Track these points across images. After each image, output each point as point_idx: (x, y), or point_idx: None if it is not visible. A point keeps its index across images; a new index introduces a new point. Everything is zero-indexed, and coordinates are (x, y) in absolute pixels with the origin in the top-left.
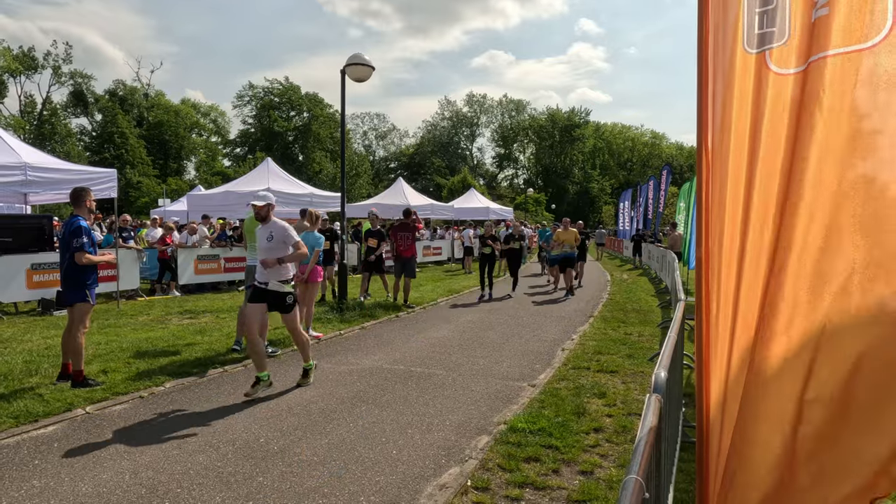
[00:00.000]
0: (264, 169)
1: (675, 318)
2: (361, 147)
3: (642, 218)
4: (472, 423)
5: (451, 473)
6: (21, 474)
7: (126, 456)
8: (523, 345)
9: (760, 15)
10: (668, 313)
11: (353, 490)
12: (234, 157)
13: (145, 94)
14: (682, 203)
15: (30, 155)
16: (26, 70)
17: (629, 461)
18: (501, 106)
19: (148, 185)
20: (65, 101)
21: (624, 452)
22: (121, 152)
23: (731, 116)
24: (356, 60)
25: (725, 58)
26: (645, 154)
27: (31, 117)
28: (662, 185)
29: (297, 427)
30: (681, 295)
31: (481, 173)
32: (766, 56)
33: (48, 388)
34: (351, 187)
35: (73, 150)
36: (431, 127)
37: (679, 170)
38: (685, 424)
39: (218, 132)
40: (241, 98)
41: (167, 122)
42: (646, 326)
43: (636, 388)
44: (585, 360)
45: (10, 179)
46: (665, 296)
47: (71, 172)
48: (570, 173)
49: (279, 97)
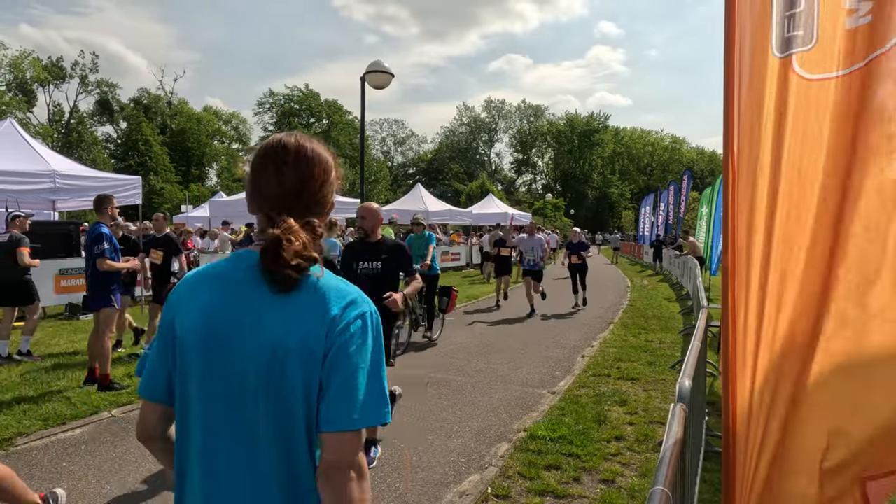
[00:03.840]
0: None
1: (698, 326)
2: (380, 153)
3: (663, 223)
4: (492, 430)
5: (472, 481)
6: (50, 476)
7: (150, 459)
8: (543, 351)
9: (788, 18)
10: (689, 320)
11: (372, 495)
12: None
13: (168, 102)
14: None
15: (58, 163)
16: (55, 80)
17: (653, 471)
18: (520, 111)
19: (171, 191)
20: (91, 110)
21: (646, 461)
22: (145, 159)
23: (759, 121)
24: (376, 68)
25: (754, 62)
26: (665, 159)
27: (58, 125)
28: (683, 190)
29: None
30: (703, 301)
31: (499, 179)
32: (793, 60)
33: (75, 391)
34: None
35: (99, 158)
36: (450, 133)
37: (700, 174)
38: (708, 433)
39: (239, 139)
40: (262, 105)
41: (190, 129)
42: (667, 333)
43: (658, 396)
44: (606, 367)
45: (40, 187)
46: (686, 302)
47: (97, 180)
48: (589, 178)
49: (299, 104)
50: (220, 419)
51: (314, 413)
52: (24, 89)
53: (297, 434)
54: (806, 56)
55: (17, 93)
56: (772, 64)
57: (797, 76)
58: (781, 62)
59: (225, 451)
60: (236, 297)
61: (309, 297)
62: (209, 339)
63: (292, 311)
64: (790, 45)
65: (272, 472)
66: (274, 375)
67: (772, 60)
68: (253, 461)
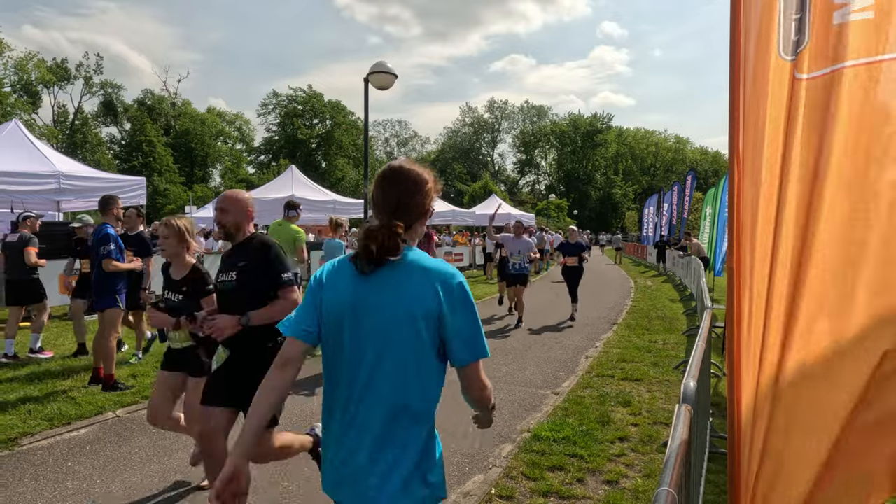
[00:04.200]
0: (288, 176)
1: (702, 326)
2: (383, 154)
3: (667, 224)
4: (496, 431)
5: (476, 481)
6: (55, 475)
7: (155, 459)
8: (546, 352)
9: (795, 22)
10: (693, 321)
11: None
12: (259, 165)
13: (172, 103)
14: (709, 209)
15: (63, 163)
16: (59, 81)
17: (657, 472)
18: (523, 112)
19: (174, 192)
20: (95, 111)
21: (650, 462)
22: (149, 160)
23: (764, 122)
24: (380, 69)
25: (759, 64)
26: (669, 159)
27: (63, 127)
28: (687, 190)
29: None
30: (708, 302)
31: (502, 179)
32: (795, 61)
33: (80, 391)
34: None
35: (104, 159)
36: (453, 133)
37: (704, 175)
38: (713, 435)
39: (243, 140)
40: (266, 106)
41: (193, 130)
42: (671, 334)
43: (662, 397)
44: (609, 367)
45: (45, 187)
46: (690, 303)
47: (102, 181)
48: (592, 179)
49: (303, 105)
50: (357, 366)
51: (433, 355)
52: (28, 91)
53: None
54: (802, 56)
55: (21, 94)
56: (776, 65)
57: (797, 77)
58: (790, 65)
59: (368, 380)
60: (365, 281)
61: (416, 273)
62: (357, 307)
63: (411, 287)
64: (797, 48)
65: (403, 404)
66: (406, 330)
67: (777, 61)
68: (382, 391)
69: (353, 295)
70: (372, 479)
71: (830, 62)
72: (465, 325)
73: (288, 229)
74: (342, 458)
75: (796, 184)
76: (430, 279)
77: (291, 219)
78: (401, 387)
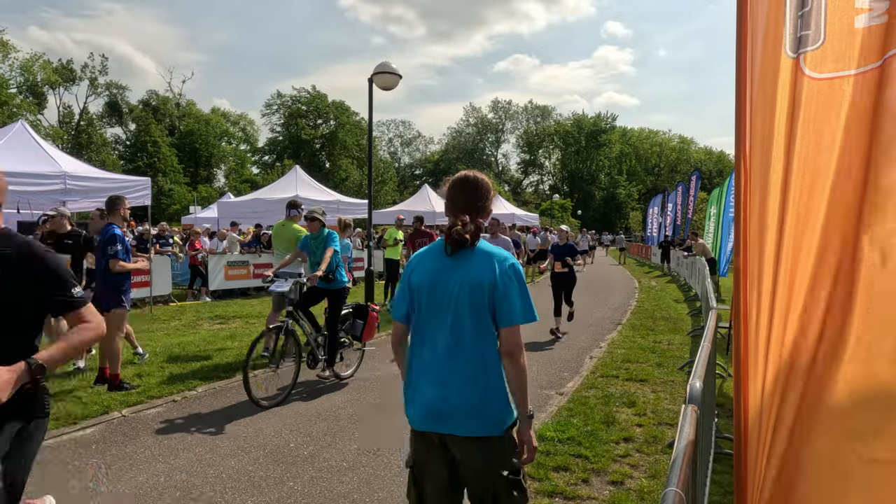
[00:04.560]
0: (293, 176)
1: (707, 327)
2: (387, 154)
3: (671, 224)
4: None
5: None
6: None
7: (161, 459)
8: (550, 352)
9: (801, 18)
10: (697, 321)
11: (382, 496)
12: (263, 165)
13: (177, 104)
14: (713, 209)
15: (68, 164)
16: (65, 82)
17: (662, 472)
18: (527, 112)
19: (179, 192)
20: (101, 112)
21: (655, 463)
22: (153, 160)
23: (772, 121)
24: (384, 69)
25: (766, 62)
26: (673, 159)
27: (69, 127)
28: (691, 190)
29: (327, 433)
30: (713, 303)
31: (506, 179)
32: (801, 60)
33: (86, 391)
34: (377, 194)
35: (108, 159)
36: (456, 133)
37: (708, 175)
38: (718, 435)
39: (247, 140)
40: (270, 106)
41: (198, 130)
42: (675, 335)
43: (667, 398)
44: (614, 368)
45: (51, 188)
46: (695, 303)
47: (107, 181)
48: (596, 179)
49: (307, 105)
50: (440, 325)
51: (491, 318)
52: (34, 92)
53: (479, 327)
54: (813, 55)
55: (27, 95)
56: (784, 63)
57: (806, 76)
58: (793, 62)
59: (446, 342)
60: (446, 261)
61: (482, 257)
62: (433, 282)
63: (476, 265)
64: (801, 45)
65: (478, 354)
66: (471, 298)
67: (784, 60)
68: (460, 345)
69: (436, 272)
70: (460, 404)
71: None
72: (511, 294)
73: (291, 229)
74: (432, 395)
75: (802, 184)
76: (492, 260)
77: (294, 218)
78: (475, 340)
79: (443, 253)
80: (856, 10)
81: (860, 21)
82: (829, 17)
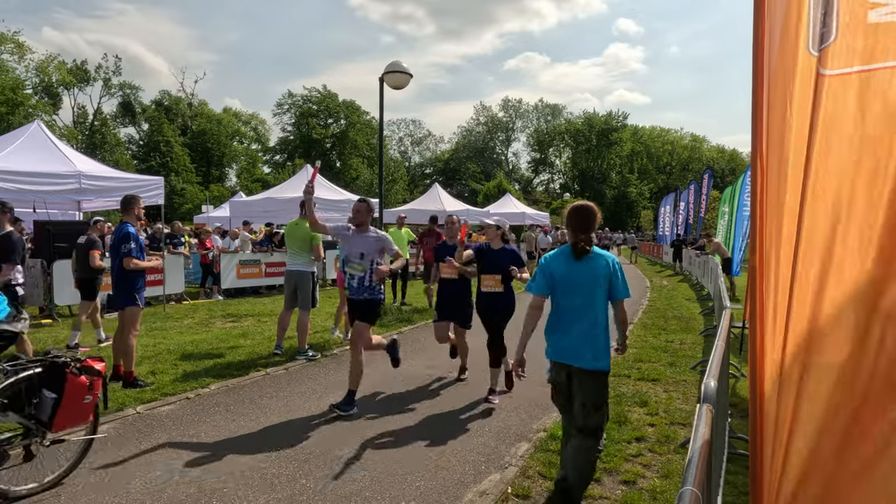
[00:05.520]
0: (303, 176)
1: (721, 326)
2: (397, 153)
3: (683, 223)
4: (512, 430)
5: (492, 480)
6: (77, 470)
7: (175, 455)
8: None
9: (822, 17)
10: (710, 320)
11: (393, 494)
12: (274, 165)
13: (189, 104)
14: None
15: (83, 164)
16: (79, 83)
17: (675, 472)
18: (537, 110)
19: (191, 191)
20: (114, 112)
21: (668, 463)
22: (166, 160)
23: (790, 120)
24: (395, 68)
25: (784, 60)
26: (685, 157)
27: (83, 127)
28: (704, 189)
29: (338, 431)
30: (726, 302)
31: (517, 178)
32: (820, 56)
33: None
34: (387, 193)
35: (122, 159)
36: (467, 132)
37: (720, 173)
38: (731, 435)
39: (258, 140)
40: (281, 106)
41: (210, 130)
42: (687, 334)
43: (679, 398)
44: (626, 367)
45: (66, 187)
46: (707, 302)
47: (121, 180)
48: (607, 177)
49: (317, 105)
50: (572, 300)
51: (605, 297)
52: (49, 92)
53: (596, 302)
54: (827, 51)
55: (42, 96)
56: (805, 61)
57: (822, 73)
58: (814, 60)
59: (575, 312)
60: (574, 261)
61: (599, 259)
62: (567, 275)
63: (595, 263)
64: (821, 42)
65: (594, 319)
66: (594, 283)
67: (805, 57)
68: (585, 314)
69: (568, 269)
70: (583, 350)
71: (862, 61)
72: (619, 281)
73: (304, 228)
74: (566, 343)
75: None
76: (603, 261)
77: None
78: (593, 311)
79: (570, 256)
80: (870, 5)
81: (874, 16)
82: (841, 13)
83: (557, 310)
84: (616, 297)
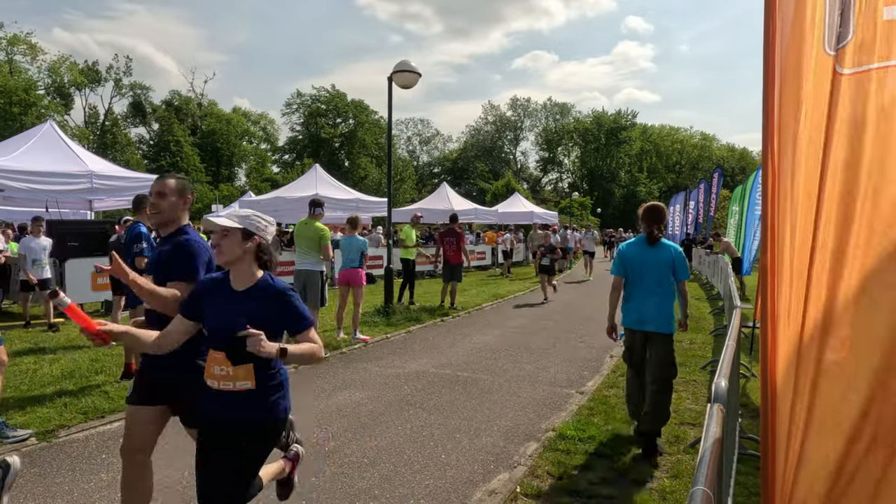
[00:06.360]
0: (312, 175)
1: (731, 326)
2: (405, 152)
3: (693, 222)
4: (521, 429)
5: (501, 479)
6: (90, 467)
7: (186, 452)
8: (570, 351)
9: (839, 15)
10: (720, 320)
11: (402, 493)
12: (283, 164)
13: (199, 104)
14: (736, 207)
15: (95, 163)
16: (90, 83)
17: (684, 472)
18: (545, 109)
19: (201, 191)
20: (125, 112)
21: (677, 463)
22: (176, 160)
23: (803, 119)
24: (403, 67)
25: (796, 59)
26: (695, 156)
27: (94, 127)
28: (714, 188)
29: (347, 429)
30: (737, 302)
31: (525, 177)
32: (837, 55)
33: (113, 385)
34: (396, 192)
35: (133, 159)
36: (475, 131)
37: (731, 172)
38: (742, 436)
39: (267, 139)
40: (290, 106)
41: (219, 130)
42: (697, 334)
43: (688, 397)
44: None
45: (78, 187)
46: (717, 302)
47: (132, 180)
48: (616, 176)
49: (326, 104)
50: (646, 280)
51: (671, 277)
52: (61, 93)
53: (664, 281)
54: (845, 50)
55: (54, 96)
56: (820, 60)
57: (840, 72)
58: (830, 59)
59: (648, 288)
60: (647, 247)
61: (666, 247)
62: (642, 259)
63: (663, 250)
64: (839, 41)
65: (663, 294)
66: (662, 266)
67: (821, 56)
68: (656, 290)
69: (642, 253)
70: (656, 318)
71: (878, 58)
72: (681, 265)
73: (313, 227)
74: (642, 311)
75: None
76: (670, 248)
77: (317, 216)
78: (662, 286)
79: (644, 244)
80: (885, 1)
81: (888, 13)
82: (857, 10)
83: (631, 285)
84: (680, 277)
